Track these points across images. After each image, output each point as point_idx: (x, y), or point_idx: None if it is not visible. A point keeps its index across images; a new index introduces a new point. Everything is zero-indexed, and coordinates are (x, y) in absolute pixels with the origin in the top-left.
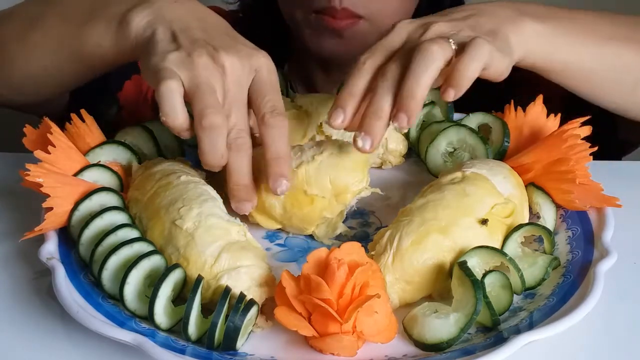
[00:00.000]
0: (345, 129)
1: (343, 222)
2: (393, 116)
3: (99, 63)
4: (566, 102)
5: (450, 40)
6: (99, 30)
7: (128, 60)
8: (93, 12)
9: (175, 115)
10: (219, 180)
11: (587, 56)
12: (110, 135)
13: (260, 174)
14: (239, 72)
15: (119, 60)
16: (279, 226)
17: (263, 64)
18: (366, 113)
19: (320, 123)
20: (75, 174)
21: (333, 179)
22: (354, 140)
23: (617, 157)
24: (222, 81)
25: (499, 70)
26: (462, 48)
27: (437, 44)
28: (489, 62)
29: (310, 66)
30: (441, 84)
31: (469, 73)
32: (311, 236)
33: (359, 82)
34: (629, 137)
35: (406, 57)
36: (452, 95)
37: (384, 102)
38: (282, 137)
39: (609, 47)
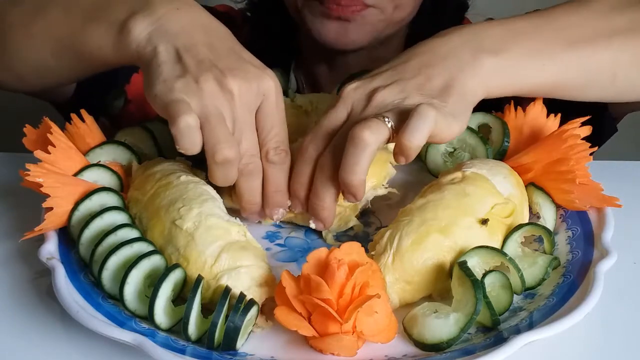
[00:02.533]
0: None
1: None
2: (343, 195)
3: (99, 63)
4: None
5: (386, 118)
6: (100, 33)
7: (130, 64)
8: (96, 12)
9: (194, 149)
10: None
11: (556, 70)
12: (117, 128)
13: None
14: (247, 96)
15: (120, 63)
16: (290, 216)
17: (271, 88)
18: (310, 203)
19: None
20: (75, 174)
21: None
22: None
23: (612, 130)
24: (231, 107)
25: (446, 136)
26: (405, 116)
27: (368, 130)
28: (434, 130)
29: (315, 65)
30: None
31: (412, 145)
32: (311, 235)
33: (305, 170)
34: (618, 109)
35: (343, 141)
36: (402, 161)
37: (324, 193)
38: (283, 173)
39: (578, 52)
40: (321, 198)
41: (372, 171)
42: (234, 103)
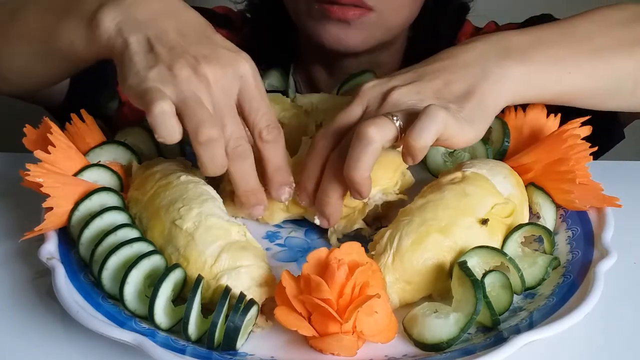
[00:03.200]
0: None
1: None
2: (350, 193)
3: (76, 59)
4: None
5: (395, 117)
6: (71, 28)
7: (104, 58)
8: (68, 7)
9: (173, 136)
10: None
11: (579, 78)
12: (111, 131)
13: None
14: (223, 81)
15: (95, 58)
16: (301, 211)
17: (247, 70)
18: (317, 199)
19: (320, 122)
20: (75, 174)
21: None
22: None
23: (620, 137)
24: (209, 93)
25: (459, 142)
26: (415, 117)
27: (374, 126)
28: (444, 133)
29: (314, 68)
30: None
31: (418, 145)
32: (311, 235)
33: (315, 164)
34: (629, 116)
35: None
36: (410, 162)
37: (331, 190)
38: (280, 149)
39: (602, 60)
40: (328, 194)
41: (383, 174)
42: (211, 89)
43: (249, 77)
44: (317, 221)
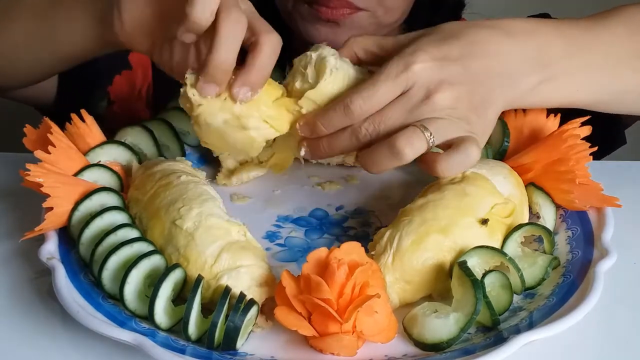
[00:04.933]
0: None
1: (344, 223)
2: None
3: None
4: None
5: (432, 138)
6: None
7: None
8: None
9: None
10: None
11: (591, 91)
12: (102, 129)
13: None
14: None
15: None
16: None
17: None
18: (322, 143)
19: None
20: (75, 174)
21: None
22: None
23: (622, 142)
24: None
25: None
26: (448, 140)
27: (410, 147)
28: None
29: None
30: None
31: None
32: (311, 235)
33: (338, 120)
34: (632, 119)
35: (387, 128)
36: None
37: (337, 151)
38: (274, 55)
39: (615, 74)
40: (331, 148)
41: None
42: None
43: None
44: (302, 152)
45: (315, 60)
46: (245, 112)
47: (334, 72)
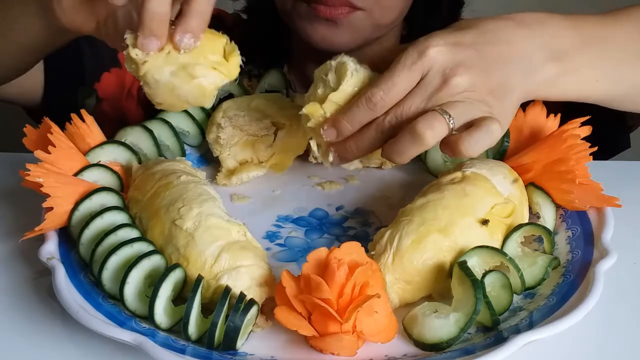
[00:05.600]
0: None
1: (344, 223)
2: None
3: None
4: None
5: (451, 120)
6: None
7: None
8: None
9: None
10: None
11: (606, 85)
12: None
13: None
14: None
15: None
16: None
17: None
18: (346, 143)
19: None
20: (75, 174)
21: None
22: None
23: (626, 145)
24: None
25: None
26: (469, 120)
27: (431, 131)
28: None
29: (307, 66)
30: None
31: (468, 154)
32: (311, 235)
33: (360, 115)
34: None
35: (408, 115)
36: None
37: (364, 146)
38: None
39: (631, 68)
40: (359, 148)
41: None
42: None
43: None
44: (330, 158)
45: (335, 65)
46: (192, 60)
47: (354, 73)
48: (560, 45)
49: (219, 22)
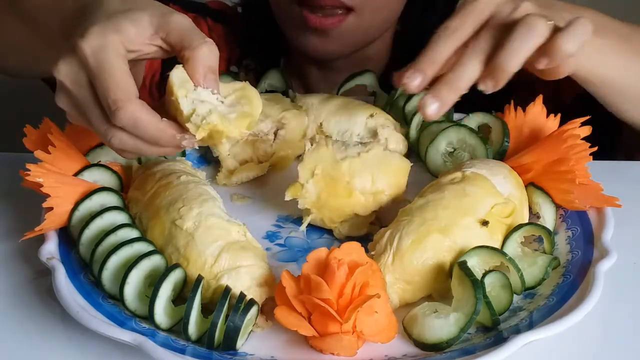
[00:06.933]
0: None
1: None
2: (480, 79)
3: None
4: (568, 104)
5: (550, 21)
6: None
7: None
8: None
9: None
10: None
11: (630, 72)
12: None
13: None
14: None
15: None
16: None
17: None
18: (444, 79)
19: (320, 123)
20: (75, 174)
21: (375, 178)
22: (420, 104)
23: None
24: None
25: (574, 64)
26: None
27: (542, 20)
28: (580, 49)
29: (305, 65)
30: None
31: (567, 50)
32: (311, 235)
33: (444, 49)
34: (633, 140)
35: (500, 30)
36: (544, 64)
37: (466, 74)
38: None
39: None
40: (461, 78)
41: (395, 177)
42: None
43: None
44: (426, 107)
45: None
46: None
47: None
48: (596, 19)
49: (223, 18)
